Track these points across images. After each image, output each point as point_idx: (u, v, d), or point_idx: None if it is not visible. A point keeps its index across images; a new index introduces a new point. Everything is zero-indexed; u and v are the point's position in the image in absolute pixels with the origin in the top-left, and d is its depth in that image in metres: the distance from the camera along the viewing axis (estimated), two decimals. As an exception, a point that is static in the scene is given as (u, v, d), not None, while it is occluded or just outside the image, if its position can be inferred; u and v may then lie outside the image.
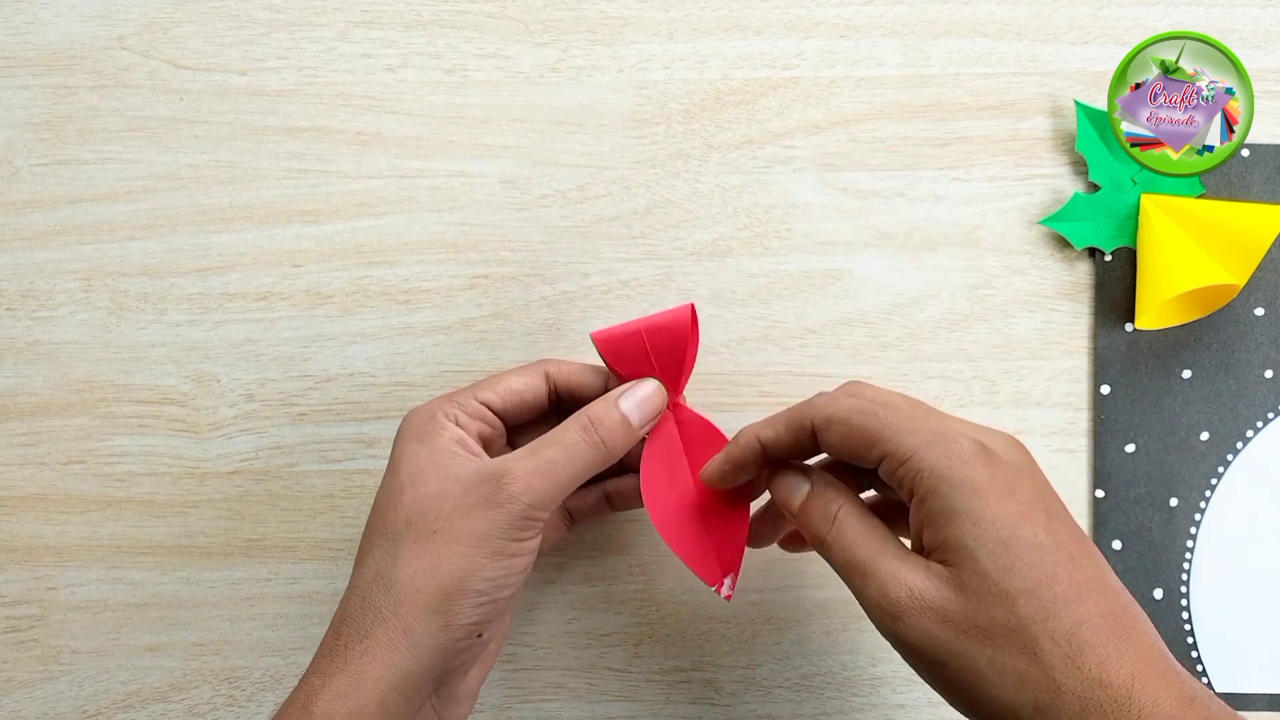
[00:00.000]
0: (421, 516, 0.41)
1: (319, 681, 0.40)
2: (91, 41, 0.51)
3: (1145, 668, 0.36)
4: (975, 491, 0.37)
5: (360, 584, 0.41)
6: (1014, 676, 0.36)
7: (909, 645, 0.38)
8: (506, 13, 0.51)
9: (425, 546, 0.40)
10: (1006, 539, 0.37)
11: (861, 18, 0.51)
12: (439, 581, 0.40)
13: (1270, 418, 0.50)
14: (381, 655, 0.39)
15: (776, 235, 0.51)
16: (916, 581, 0.37)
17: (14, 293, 0.52)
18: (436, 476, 0.41)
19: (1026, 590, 0.36)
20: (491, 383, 0.45)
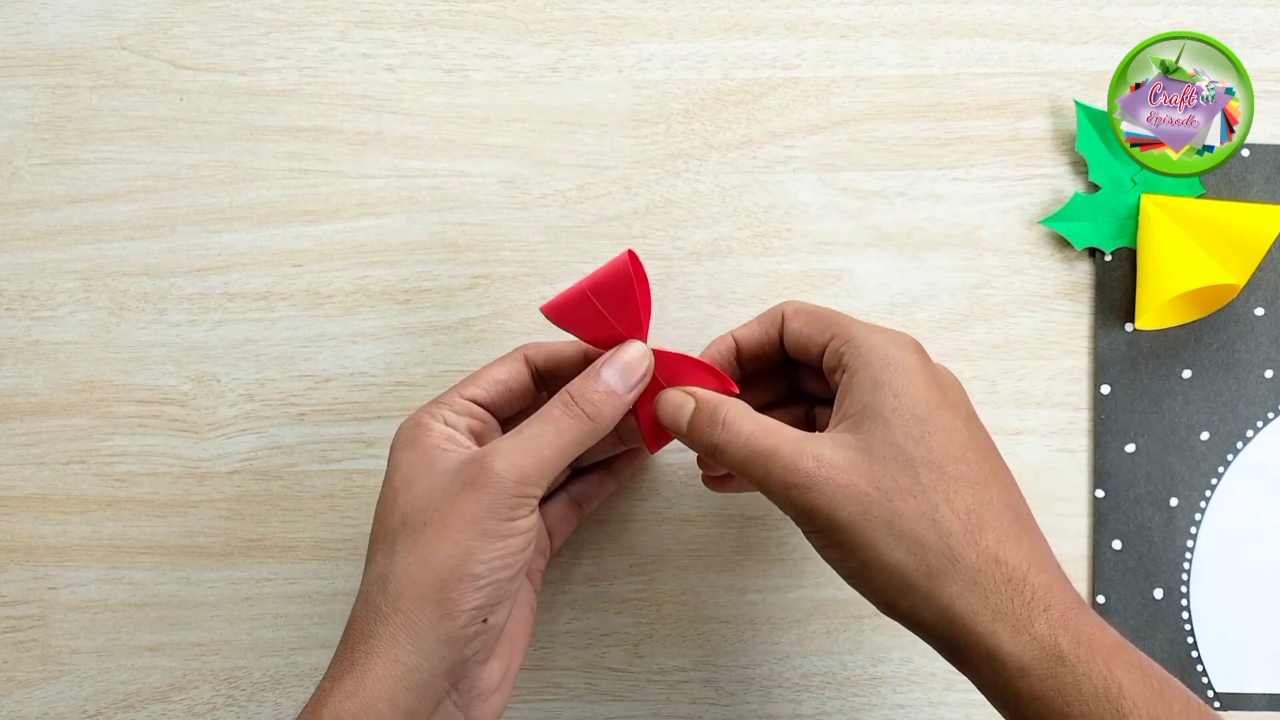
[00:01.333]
0: (414, 513, 0.41)
1: (328, 684, 0.40)
2: (91, 41, 0.51)
3: (1042, 559, 0.37)
4: (905, 372, 0.40)
5: (363, 588, 0.41)
6: (911, 540, 0.37)
7: (816, 513, 0.38)
8: (506, 13, 0.51)
9: (418, 539, 0.40)
10: (923, 415, 0.39)
11: (861, 18, 0.51)
12: (433, 570, 0.39)
13: (1270, 418, 0.50)
14: (385, 652, 0.39)
15: (776, 235, 0.51)
16: (823, 450, 0.39)
17: (14, 293, 0.52)
18: (426, 474, 0.41)
19: (933, 462, 0.38)
20: (474, 378, 0.45)
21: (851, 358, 0.40)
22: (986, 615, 0.36)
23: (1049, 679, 0.35)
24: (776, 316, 0.45)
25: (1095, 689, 0.35)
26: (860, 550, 0.38)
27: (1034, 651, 0.36)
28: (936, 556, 0.37)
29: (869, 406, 0.39)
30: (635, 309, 0.43)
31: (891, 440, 0.38)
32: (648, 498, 0.52)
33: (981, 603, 0.36)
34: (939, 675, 0.52)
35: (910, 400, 0.39)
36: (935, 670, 0.52)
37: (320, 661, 0.53)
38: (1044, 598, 0.36)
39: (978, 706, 0.52)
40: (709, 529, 0.52)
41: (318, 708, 0.39)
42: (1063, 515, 0.51)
